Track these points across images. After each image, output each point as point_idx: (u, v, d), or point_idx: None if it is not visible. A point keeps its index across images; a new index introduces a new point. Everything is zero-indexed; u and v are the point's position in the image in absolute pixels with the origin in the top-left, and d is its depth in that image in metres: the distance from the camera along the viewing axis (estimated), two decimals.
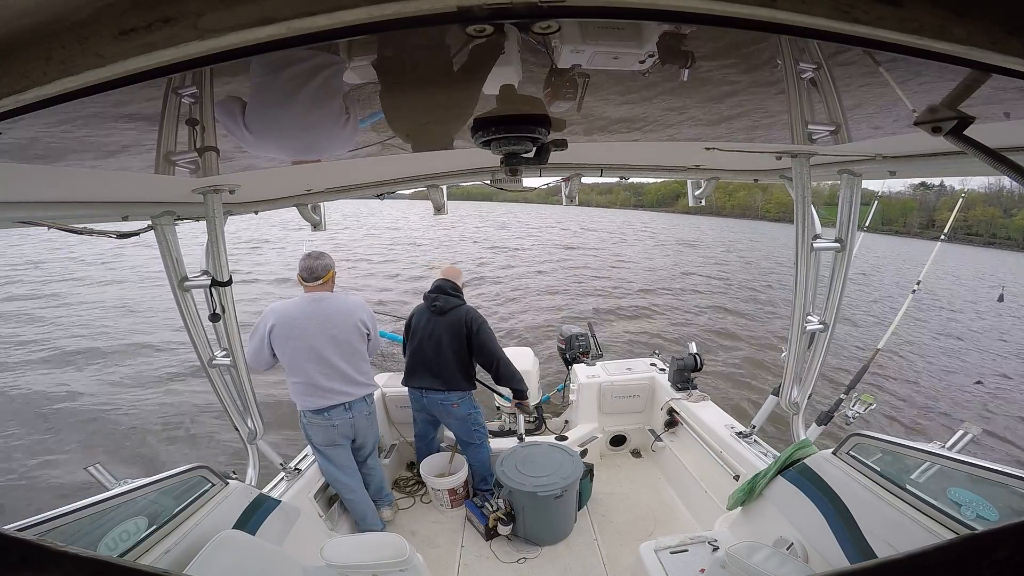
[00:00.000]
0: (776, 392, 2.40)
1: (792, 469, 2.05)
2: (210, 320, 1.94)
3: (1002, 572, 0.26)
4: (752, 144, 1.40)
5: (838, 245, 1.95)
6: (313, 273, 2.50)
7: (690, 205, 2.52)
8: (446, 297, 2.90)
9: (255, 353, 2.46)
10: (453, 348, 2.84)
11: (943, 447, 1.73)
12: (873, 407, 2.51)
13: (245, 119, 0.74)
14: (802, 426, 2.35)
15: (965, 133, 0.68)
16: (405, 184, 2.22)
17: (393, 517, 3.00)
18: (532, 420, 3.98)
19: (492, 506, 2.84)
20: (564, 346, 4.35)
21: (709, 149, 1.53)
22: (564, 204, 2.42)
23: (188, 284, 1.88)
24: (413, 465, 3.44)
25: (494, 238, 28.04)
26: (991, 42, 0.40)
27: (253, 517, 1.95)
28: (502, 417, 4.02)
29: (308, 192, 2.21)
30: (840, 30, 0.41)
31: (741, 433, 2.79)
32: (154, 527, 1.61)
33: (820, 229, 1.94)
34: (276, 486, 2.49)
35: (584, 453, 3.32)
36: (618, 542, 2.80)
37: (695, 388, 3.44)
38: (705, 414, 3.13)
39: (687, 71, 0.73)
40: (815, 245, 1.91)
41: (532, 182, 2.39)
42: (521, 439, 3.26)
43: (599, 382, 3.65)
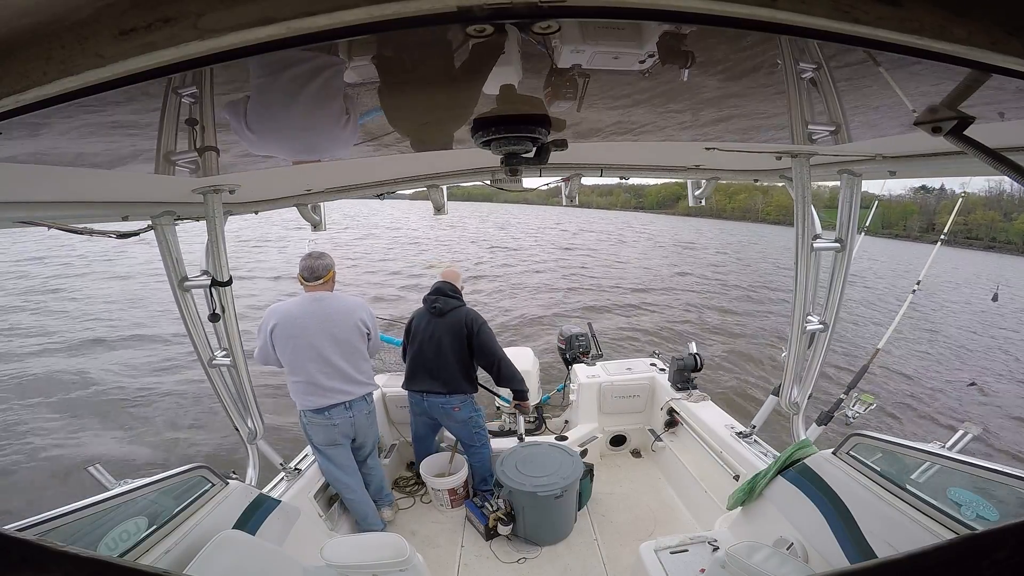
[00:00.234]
0: (776, 392, 2.40)
1: (792, 469, 2.05)
2: (210, 320, 1.94)
3: (1002, 572, 0.26)
4: (752, 144, 1.40)
5: (838, 245, 1.95)
6: (314, 273, 2.52)
7: (690, 205, 2.51)
8: (445, 299, 2.90)
9: (262, 352, 2.53)
10: (454, 350, 2.84)
11: (943, 447, 1.73)
12: (873, 407, 2.52)
13: (247, 119, 0.74)
14: (802, 426, 2.35)
15: (965, 133, 0.68)
16: (405, 184, 2.22)
17: (393, 517, 3.00)
18: (532, 420, 3.98)
19: (492, 506, 2.84)
20: (564, 346, 4.33)
21: (709, 149, 1.53)
22: (564, 204, 2.42)
23: (188, 284, 1.89)
24: (413, 465, 3.43)
25: (494, 238, 28.10)
26: (991, 42, 0.40)
27: (253, 517, 1.95)
28: (502, 417, 4.02)
29: (308, 192, 2.21)
30: (840, 30, 0.41)
31: (741, 433, 2.79)
32: (154, 527, 1.61)
33: (820, 229, 1.95)
34: (276, 486, 2.49)
35: (584, 453, 3.31)
36: (618, 542, 2.80)
37: (695, 388, 3.44)
38: (705, 414, 3.13)
39: (687, 71, 0.72)
40: (815, 245, 1.91)
41: (532, 182, 2.39)
42: (521, 439, 3.26)
43: (599, 382, 3.65)
